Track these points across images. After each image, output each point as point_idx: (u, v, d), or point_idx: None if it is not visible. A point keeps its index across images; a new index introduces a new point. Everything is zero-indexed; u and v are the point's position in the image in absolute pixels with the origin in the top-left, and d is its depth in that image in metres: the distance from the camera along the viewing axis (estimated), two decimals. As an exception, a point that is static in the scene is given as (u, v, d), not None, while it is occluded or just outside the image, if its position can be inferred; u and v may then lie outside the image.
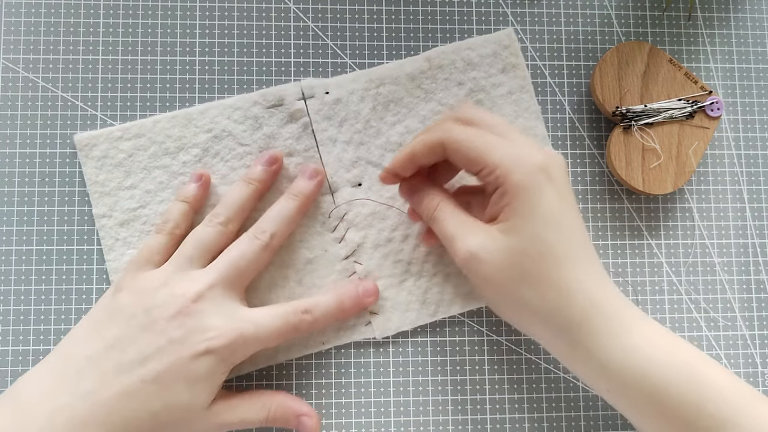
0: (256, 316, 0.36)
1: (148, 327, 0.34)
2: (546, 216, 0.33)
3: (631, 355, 0.32)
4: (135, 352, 0.34)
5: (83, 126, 0.42)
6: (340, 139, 0.42)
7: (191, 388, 0.34)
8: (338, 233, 0.42)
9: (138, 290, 0.36)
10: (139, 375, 0.34)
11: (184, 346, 0.34)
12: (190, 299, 0.35)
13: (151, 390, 0.33)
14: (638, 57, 0.43)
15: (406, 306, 0.42)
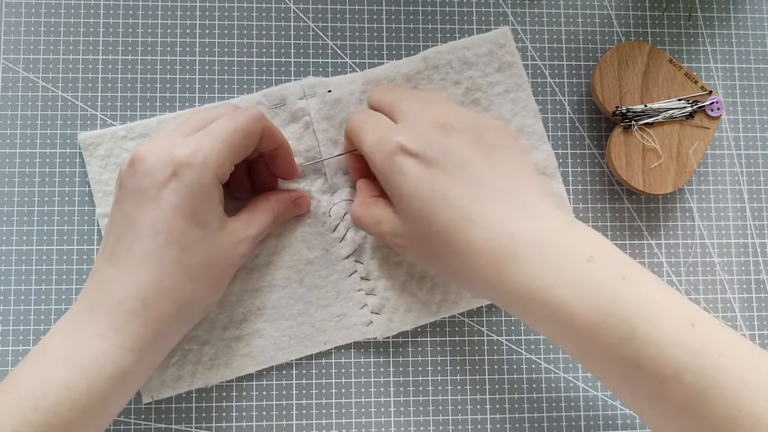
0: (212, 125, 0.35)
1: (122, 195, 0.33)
2: (413, 194, 0.32)
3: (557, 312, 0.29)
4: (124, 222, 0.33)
5: (83, 126, 0.42)
6: (340, 140, 0.42)
7: (191, 218, 0.33)
8: (339, 233, 0.42)
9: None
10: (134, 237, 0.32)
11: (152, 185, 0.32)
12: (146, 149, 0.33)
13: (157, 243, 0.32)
14: (638, 57, 0.43)
15: (407, 306, 0.42)
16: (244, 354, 0.41)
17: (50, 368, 0.31)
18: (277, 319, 0.41)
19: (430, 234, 0.32)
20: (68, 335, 0.32)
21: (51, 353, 0.31)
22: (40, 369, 0.31)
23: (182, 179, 0.32)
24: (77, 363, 0.31)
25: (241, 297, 0.41)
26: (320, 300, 0.41)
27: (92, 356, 0.31)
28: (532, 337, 0.43)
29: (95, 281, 0.33)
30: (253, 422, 0.41)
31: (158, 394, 0.40)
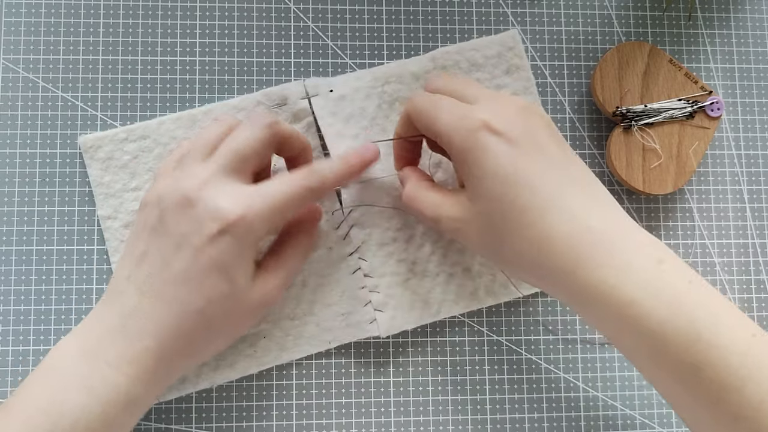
0: (263, 186, 0.35)
1: (163, 231, 0.34)
2: (497, 173, 0.31)
3: (628, 311, 0.29)
4: (159, 259, 0.33)
5: (83, 126, 0.42)
6: (347, 134, 0.42)
7: (224, 275, 0.33)
8: (342, 230, 0.42)
9: (154, 200, 0.35)
10: (167, 279, 0.33)
11: (196, 235, 0.33)
12: (192, 189, 0.33)
13: (186, 290, 0.33)
14: (638, 57, 0.43)
15: (410, 305, 0.42)
16: (249, 354, 0.41)
17: (65, 391, 0.31)
18: (281, 319, 0.41)
19: (505, 217, 0.32)
20: (83, 358, 0.32)
21: (65, 375, 0.32)
22: (55, 391, 0.31)
23: (226, 239, 0.33)
24: (92, 390, 0.31)
25: None
26: (324, 299, 0.41)
27: (107, 385, 0.32)
28: (532, 338, 0.43)
29: (118, 306, 0.34)
30: (253, 422, 0.41)
31: (163, 396, 0.40)
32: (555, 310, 0.43)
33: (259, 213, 0.33)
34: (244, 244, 0.33)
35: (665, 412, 0.43)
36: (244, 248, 0.33)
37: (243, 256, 0.34)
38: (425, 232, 0.42)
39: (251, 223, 0.33)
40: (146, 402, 0.34)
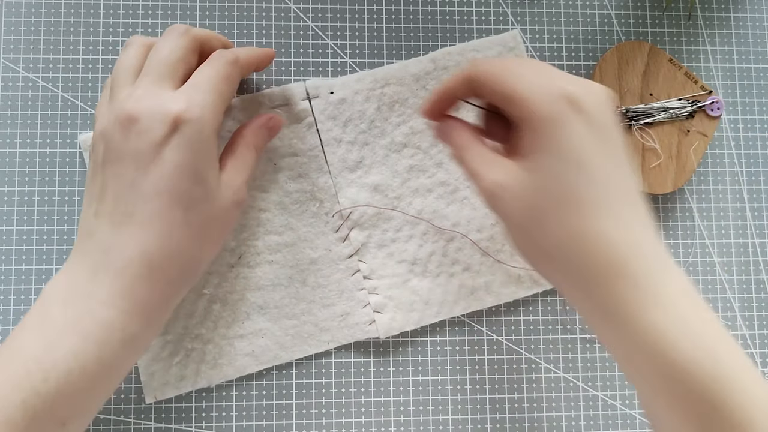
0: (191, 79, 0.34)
1: (116, 157, 0.32)
2: (570, 153, 0.29)
3: (652, 331, 0.28)
4: (122, 184, 0.32)
5: (83, 126, 0.42)
6: (345, 139, 0.42)
7: (193, 177, 0.32)
8: (342, 233, 0.42)
9: (97, 136, 0.34)
10: (137, 200, 0.31)
11: (150, 144, 0.31)
12: (126, 106, 0.32)
13: (160, 205, 0.31)
14: (638, 57, 0.43)
15: (409, 306, 0.42)
16: (247, 353, 0.41)
17: (57, 337, 0.30)
18: (280, 319, 0.41)
19: (557, 200, 0.29)
20: (70, 302, 0.31)
21: (55, 321, 0.30)
22: (46, 338, 0.30)
23: (182, 136, 0.31)
24: (84, 331, 0.30)
25: (244, 296, 0.41)
26: (323, 299, 0.41)
27: (99, 324, 0.30)
28: (532, 337, 0.43)
29: (95, 244, 0.32)
30: (253, 422, 0.41)
31: (162, 393, 0.40)
32: (555, 310, 0.43)
33: (201, 102, 0.32)
34: (202, 137, 0.32)
35: (665, 412, 0.43)
36: (202, 143, 0.32)
37: (206, 152, 0.32)
38: (425, 232, 0.42)
39: (199, 115, 0.32)
40: (144, 338, 0.32)
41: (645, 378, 0.30)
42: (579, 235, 0.29)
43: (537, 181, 0.30)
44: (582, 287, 0.30)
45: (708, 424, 0.28)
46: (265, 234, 0.41)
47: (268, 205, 0.41)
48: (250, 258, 0.41)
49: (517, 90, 0.30)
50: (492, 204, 0.32)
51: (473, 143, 0.34)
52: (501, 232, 0.43)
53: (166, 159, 0.31)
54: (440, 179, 0.43)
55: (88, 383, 0.29)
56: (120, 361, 0.31)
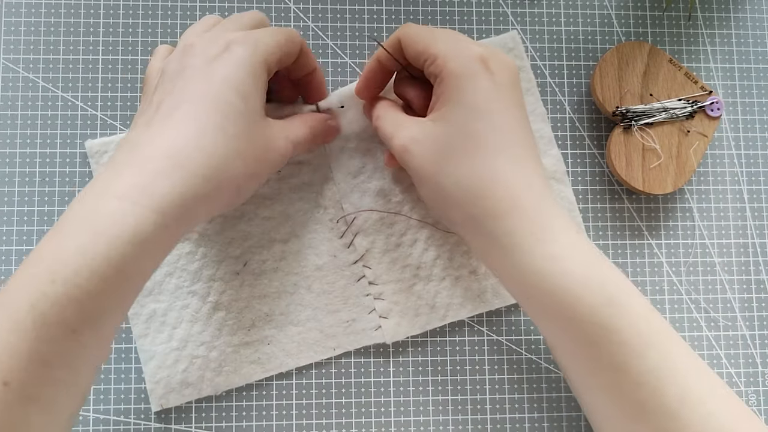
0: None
1: (169, 77, 0.33)
2: (475, 104, 0.33)
3: (548, 264, 0.31)
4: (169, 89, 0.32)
5: (83, 126, 0.42)
6: (348, 146, 0.42)
7: (236, 91, 0.32)
8: (346, 239, 0.42)
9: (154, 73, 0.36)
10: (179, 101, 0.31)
11: (204, 57, 0.33)
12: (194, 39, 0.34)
13: (200, 107, 0.31)
14: (638, 57, 0.43)
15: (415, 310, 0.42)
16: (253, 361, 0.41)
17: (67, 236, 0.28)
18: (285, 326, 0.41)
19: (460, 144, 0.33)
20: (88, 199, 0.29)
21: (69, 221, 0.28)
22: (57, 238, 0.28)
23: (233, 53, 0.32)
24: (94, 227, 0.27)
25: (249, 303, 0.41)
26: (328, 306, 0.41)
27: (110, 217, 0.28)
28: (532, 337, 0.43)
29: (125, 144, 0.31)
30: (253, 422, 0.41)
31: (167, 402, 0.40)
32: (555, 310, 0.43)
33: (257, 36, 0.34)
34: (253, 59, 0.33)
35: (665, 412, 0.43)
36: (253, 64, 0.33)
37: (254, 74, 0.33)
38: (430, 236, 0.42)
39: (252, 43, 0.33)
40: (159, 244, 0.29)
41: (541, 308, 0.32)
42: (478, 175, 0.33)
43: (444, 129, 0.33)
44: (480, 224, 0.33)
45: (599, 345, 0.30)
46: (269, 241, 0.41)
47: (272, 213, 0.41)
48: (255, 265, 0.41)
49: (439, 50, 0.34)
50: (405, 159, 0.35)
51: (389, 110, 0.37)
52: None
53: (214, 70, 0.32)
54: None
55: (99, 286, 0.27)
56: (132, 264, 0.28)
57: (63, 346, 0.27)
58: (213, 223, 0.41)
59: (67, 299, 0.26)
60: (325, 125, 0.40)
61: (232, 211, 0.41)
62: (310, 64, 0.38)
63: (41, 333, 0.26)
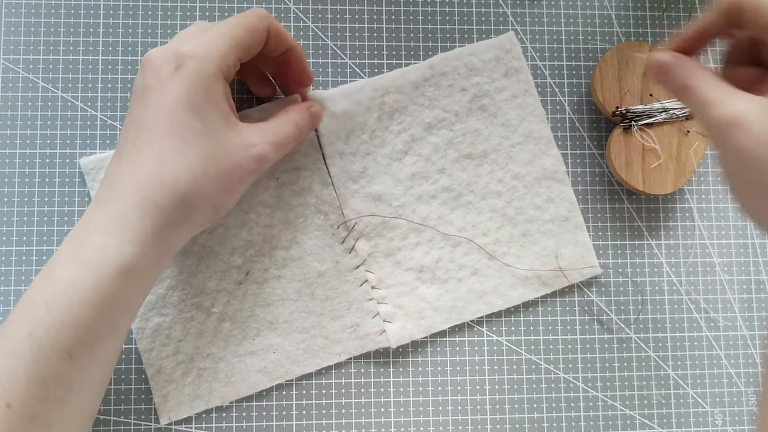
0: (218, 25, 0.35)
1: (132, 96, 0.33)
2: None
3: None
4: (131, 118, 0.33)
5: (83, 126, 0.42)
6: (347, 150, 0.42)
7: (192, 111, 0.32)
8: (348, 244, 0.42)
9: None
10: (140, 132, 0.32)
11: (156, 78, 0.32)
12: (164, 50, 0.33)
13: (159, 135, 0.32)
14: (638, 57, 0.42)
15: (419, 314, 0.42)
16: (259, 369, 0.41)
17: (59, 268, 0.30)
18: (290, 333, 0.41)
19: None
20: (76, 234, 0.31)
21: (62, 255, 0.31)
22: (51, 271, 0.31)
23: (184, 70, 0.32)
24: (82, 260, 0.30)
25: (253, 312, 0.41)
26: (332, 311, 0.41)
27: (94, 251, 0.30)
28: (532, 338, 0.43)
29: (105, 178, 0.33)
30: (253, 422, 0.41)
31: (176, 414, 0.40)
32: (555, 311, 0.43)
33: (209, 41, 0.33)
34: (204, 73, 0.32)
35: (665, 412, 0.43)
36: (205, 78, 0.32)
37: (207, 88, 0.33)
38: (431, 239, 0.42)
39: (206, 51, 0.33)
40: (143, 272, 0.31)
41: None
42: None
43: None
44: None
45: None
46: (271, 249, 0.41)
47: (273, 221, 0.41)
48: (258, 274, 0.41)
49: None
50: (728, 134, 0.28)
51: (704, 72, 0.31)
52: (506, 235, 0.42)
53: (167, 91, 0.32)
54: (443, 185, 0.43)
55: (91, 312, 0.30)
56: (119, 293, 0.30)
57: (60, 370, 0.29)
58: (214, 234, 0.41)
59: (61, 325, 0.29)
60: (308, 115, 0.39)
61: (233, 219, 0.41)
62: (282, 44, 0.37)
63: (39, 357, 0.29)
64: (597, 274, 0.43)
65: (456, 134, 0.43)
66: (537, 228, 0.43)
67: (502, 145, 0.43)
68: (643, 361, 0.43)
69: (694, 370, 0.43)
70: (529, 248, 0.43)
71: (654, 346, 0.43)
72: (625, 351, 0.43)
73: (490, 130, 0.43)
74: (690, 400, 0.43)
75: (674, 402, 0.43)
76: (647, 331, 0.43)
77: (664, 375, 0.43)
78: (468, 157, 0.43)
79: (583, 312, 0.43)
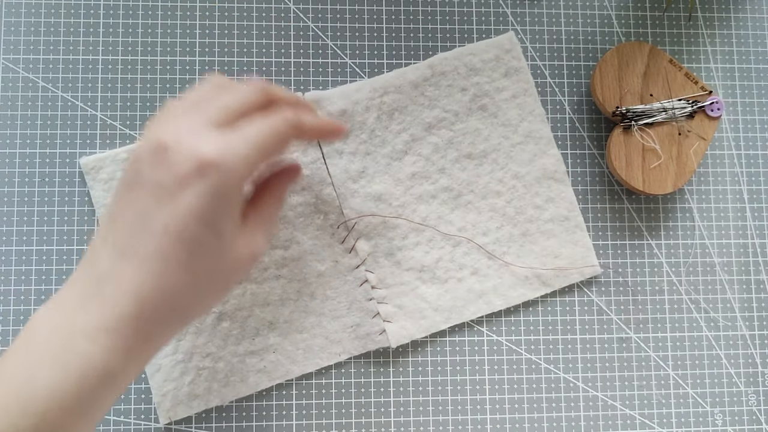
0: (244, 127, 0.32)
1: (138, 184, 0.30)
2: None
3: None
4: (135, 214, 0.30)
5: (83, 126, 0.42)
6: (346, 150, 0.42)
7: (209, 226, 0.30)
8: (348, 243, 0.42)
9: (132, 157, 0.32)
10: (145, 234, 0.30)
11: (171, 179, 0.29)
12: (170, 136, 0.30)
13: (167, 244, 0.29)
14: (638, 57, 0.42)
15: (419, 313, 0.42)
16: (259, 369, 0.41)
17: (37, 367, 0.29)
18: (290, 333, 0.41)
19: None
20: (56, 330, 0.29)
21: (38, 348, 0.29)
22: (27, 367, 0.29)
23: (206, 182, 0.29)
24: (65, 365, 0.29)
25: (253, 312, 0.41)
26: (333, 311, 0.41)
27: (80, 358, 0.29)
28: (532, 338, 0.43)
29: (94, 271, 0.30)
30: (253, 422, 0.41)
31: (175, 414, 0.40)
32: (555, 311, 0.43)
33: (239, 153, 0.30)
34: (227, 188, 0.30)
35: (665, 412, 0.43)
36: (228, 194, 0.30)
37: (227, 204, 0.30)
38: (431, 239, 0.42)
39: (234, 164, 0.30)
40: (125, 377, 0.30)
41: None
42: None
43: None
44: None
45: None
46: (271, 249, 0.41)
47: None
48: (258, 274, 0.41)
49: None
50: None
51: None
52: (506, 235, 0.43)
53: (183, 200, 0.29)
54: (443, 185, 0.43)
55: (68, 419, 0.29)
56: (99, 399, 0.30)
57: None
58: None
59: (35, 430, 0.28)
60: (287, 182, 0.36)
61: None
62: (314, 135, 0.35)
63: None
64: (597, 274, 0.43)
65: (456, 134, 0.43)
66: (537, 228, 0.43)
67: (502, 145, 0.43)
68: (643, 361, 0.43)
69: (694, 370, 0.43)
70: (528, 248, 0.43)
71: (654, 346, 0.43)
72: (625, 351, 0.43)
73: (490, 129, 0.43)
74: (690, 400, 0.43)
75: (674, 402, 0.43)
76: (647, 331, 0.43)
77: (664, 375, 0.43)
78: (468, 157, 0.43)
79: (583, 312, 0.43)
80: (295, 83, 0.43)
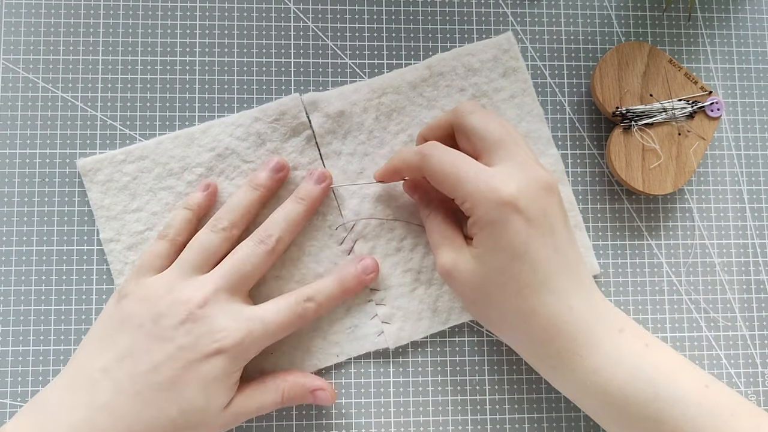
0: (262, 312, 0.37)
1: (157, 336, 0.35)
2: (509, 249, 0.33)
3: (592, 376, 0.34)
4: (147, 362, 0.34)
5: (83, 126, 0.42)
6: (345, 151, 0.42)
7: (206, 391, 0.34)
8: (346, 245, 0.42)
9: (143, 298, 0.36)
10: (152, 383, 0.34)
11: (194, 350, 0.35)
12: (196, 305, 0.35)
13: (166, 397, 0.34)
14: (638, 57, 0.43)
15: (418, 315, 0.42)
16: (258, 371, 0.41)
17: None
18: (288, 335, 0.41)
19: (503, 287, 0.34)
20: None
21: None
22: None
23: (221, 359, 0.35)
24: None
25: None
26: (331, 313, 0.41)
27: None
28: (532, 338, 0.43)
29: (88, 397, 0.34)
30: (253, 422, 0.41)
31: None
32: (555, 311, 0.43)
33: (257, 338, 0.36)
34: (234, 365, 0.36)
35: (665, 413, 0.43)
36: (233, 368, 0.36)
37: (229, 377, 0.35)
38: None
39: (246, 348, 0.36)
40: None
41: (593, 412, 0.35)
42: (523, 313, 0.34)
43: (483, 271, 0.35)
44: (525, 346, 0.36)
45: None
46: None
47: (266, 212, 0.41)
48: None
49: (464, 192, 0.34)
50: (445, 279, 0.37)
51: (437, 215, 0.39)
52: None
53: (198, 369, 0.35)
54: None
55: None
56: None
57: None
58: None
59: None
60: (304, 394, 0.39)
61: None
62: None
63: None
64: (597, 274, 0.43)
65: (456, 134, 0.43)
66: (537, 228, 0.43)
67: (501, 145, 0.43)
68: (643, 361, 0.43)
69: (694, 370, 0.43)
70: (529, 248, 0.43)
71: (654, 346, 0.43)
72: (625, 351, 0.43)
73: (489, 130, 0.43)
74: (690, 400, 0.43)
75: (674, 402, 0.43)
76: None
77: (664, 375, 0.43)
78: (468, 157, 0.43)
79: (583, 312, 0.43)
80: (295, 83, 0.43)
